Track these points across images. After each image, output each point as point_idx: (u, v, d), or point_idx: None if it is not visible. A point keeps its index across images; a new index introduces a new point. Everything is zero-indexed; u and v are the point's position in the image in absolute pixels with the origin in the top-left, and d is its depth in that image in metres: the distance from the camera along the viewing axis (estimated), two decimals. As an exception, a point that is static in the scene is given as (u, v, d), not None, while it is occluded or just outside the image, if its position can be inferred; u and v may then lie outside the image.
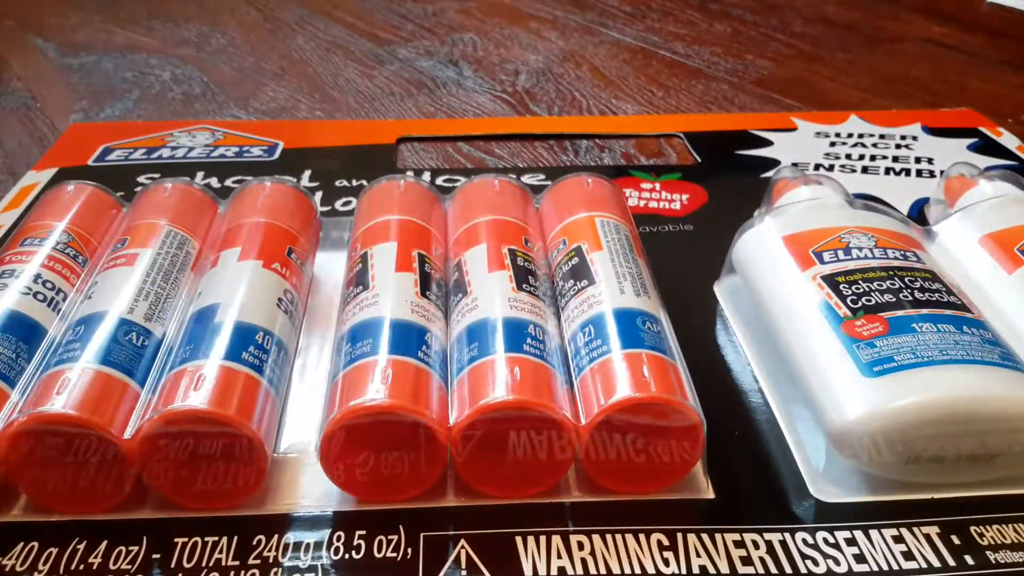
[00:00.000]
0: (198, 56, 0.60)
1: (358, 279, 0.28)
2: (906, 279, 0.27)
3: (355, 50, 0.61)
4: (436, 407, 0.23)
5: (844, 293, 0.27)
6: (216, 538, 0.22)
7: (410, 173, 0.41)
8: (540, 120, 0.50)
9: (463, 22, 0.67)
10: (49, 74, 0.57)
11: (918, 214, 0.38)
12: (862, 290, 0.27)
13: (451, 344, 0.26)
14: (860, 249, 0.29)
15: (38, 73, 0.57)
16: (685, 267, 0.34)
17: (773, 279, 0.29)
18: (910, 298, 0.26)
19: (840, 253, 0.28)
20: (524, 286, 0.27)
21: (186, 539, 0.22)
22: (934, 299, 0.26)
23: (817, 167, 0.42)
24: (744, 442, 0.26)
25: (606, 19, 0.67)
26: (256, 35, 0.64)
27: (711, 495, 0.24)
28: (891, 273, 0.27)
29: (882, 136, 0.45)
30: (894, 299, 0.26)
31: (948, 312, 0.26)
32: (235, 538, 0.22)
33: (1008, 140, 0.45)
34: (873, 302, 0.26)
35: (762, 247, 0.30)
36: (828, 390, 0.25)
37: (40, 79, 0.56)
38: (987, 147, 0.44)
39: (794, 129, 0.46)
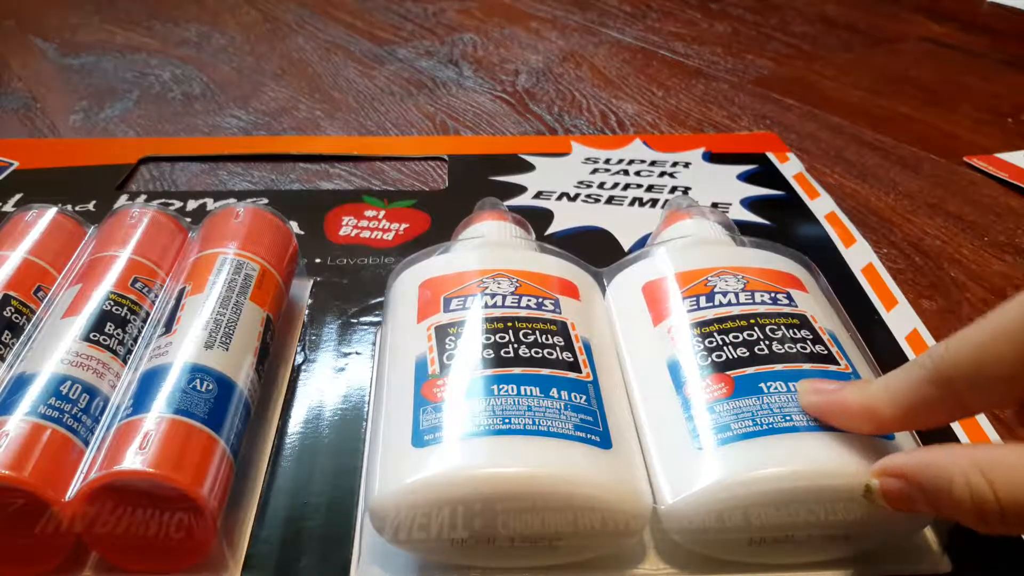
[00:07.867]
0: (198, 56, 0.59)
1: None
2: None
3: (355, 50, 0.60)
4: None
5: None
6: None
7: (140, 200, 0.39)
8: (284, 140, 0.47)
9: (463, 22, 0.66)
10: (49, 74, 0.56)
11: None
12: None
13: None
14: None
15: (38, 73, 0.56)
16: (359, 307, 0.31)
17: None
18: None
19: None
20: (93, 336, 0.25)
21: None
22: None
23: (561, 196, 0.39)
24: (306, 515, 0.24)
25: (606, 19, 0.66)
26: (256, 35, 0.63)
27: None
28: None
29: (654, 163, 0.43)
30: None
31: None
32: None
33: (791, 167, 0.43)
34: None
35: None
36: (382, 459, 0.22)
37: (40, 79, 0.55)
38: (762, 175, 0.42)
39: (568, 153, 0.44)
